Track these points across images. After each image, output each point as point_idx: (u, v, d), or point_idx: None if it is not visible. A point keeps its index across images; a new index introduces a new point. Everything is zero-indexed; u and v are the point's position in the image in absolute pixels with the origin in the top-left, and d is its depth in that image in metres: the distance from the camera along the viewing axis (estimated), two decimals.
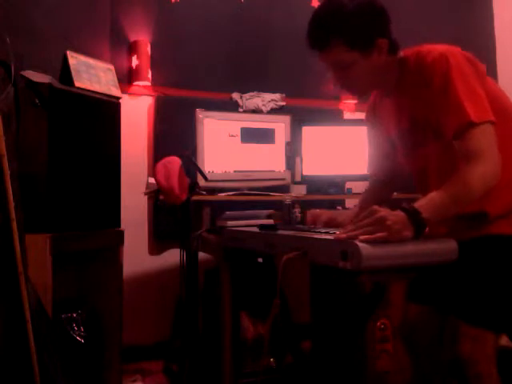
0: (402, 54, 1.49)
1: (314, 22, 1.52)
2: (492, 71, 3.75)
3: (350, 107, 3.61)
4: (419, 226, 1.21)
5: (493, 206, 1.36)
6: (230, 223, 2.21)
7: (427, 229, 1.25)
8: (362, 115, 3.62)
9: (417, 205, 1.23)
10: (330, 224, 1.61)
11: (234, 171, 2.76)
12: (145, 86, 3.06)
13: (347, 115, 3.60)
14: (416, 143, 1.50)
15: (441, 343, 1.38)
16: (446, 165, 1.40)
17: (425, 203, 1.25)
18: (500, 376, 1.34)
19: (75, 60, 2.13)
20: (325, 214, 1.65)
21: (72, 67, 2.09)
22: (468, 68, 1.35)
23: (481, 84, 1.36)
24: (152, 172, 2.79)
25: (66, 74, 2.09)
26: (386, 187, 1.79)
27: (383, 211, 1.20)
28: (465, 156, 1.29)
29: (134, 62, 3.00)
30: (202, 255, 2.45)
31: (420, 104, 1.43)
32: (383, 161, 1.74)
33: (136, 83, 3.03)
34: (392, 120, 1.58)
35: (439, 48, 1.38)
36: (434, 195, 1.27)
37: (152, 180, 2.56)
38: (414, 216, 1.21)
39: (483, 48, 3.74)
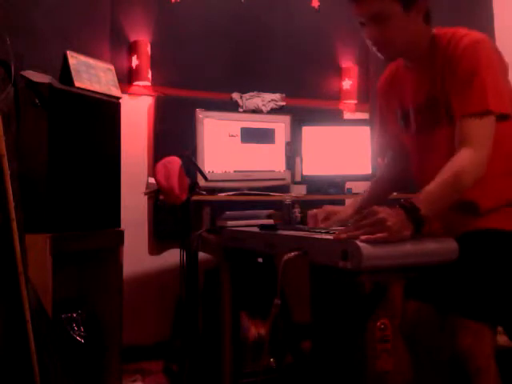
0: (434, 30, 1.50)
1: None
2: None
3: (350, 107, 3.62)
4: (419, 224, 1.22)
5: (484, 198, 1.38)
6: (229, 223, 2.21)
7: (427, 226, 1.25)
8: (362, 115, 3.66)
9: (415, 201, 1.23)
10: (330, 219, 1.61)
11: (234, 171, 2.76)
12: (145, 86, 3.06)
13: (347, 115, 3.60)
14: (432, 121, 1.49)
15: (441, 341, 1.38)
16: (449, 151, 1.39)
17: (423, 198, 1.25)
18: (500, 375, 1.34)
19: (75, 60, 2.13)
20: (321, 212, 1.64)
21: (72, 67, 2.09)
22: (497, 61, 1.39)
23: (505, 79, 1.39)
24: (152, 172, 2.79)
25: (65, 73, 2.09)
26: (389, 183, 1.78)
27: (383, 212, 1.20)
28: (463, 139, 1.33)
29: (134, 62, 3.00)
30: (201, 255, 2.45)
31: (442, 84, 1.44)
32: (391, 140, 1.72)
33: (136, 83, 3.03)
34: (409, 93, 1.57)
35: (474, 35, 1.40)
36: (430, 188, 1.27)
37: (152, 180, 2.56)
38: (413, 213, 1.21)
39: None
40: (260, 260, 2.32)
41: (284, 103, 3.35)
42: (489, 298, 1.32)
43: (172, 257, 2.94)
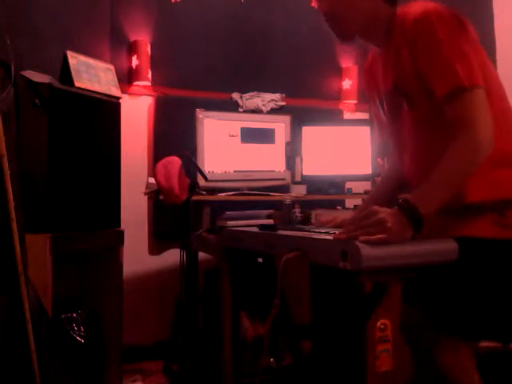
0: (398, 10, 1.40)
1: None
2: None
3: (349, 107, 3.62)
4: (418, 224, 1.20)
5: (471, 194, 1.29)
6: (229, 223, 2.21)
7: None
8: (362, 115, 3.66)
9: (413, 200, 1.21)
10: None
11: (234, 171, 2.76)
12: (145, 86, 3.06)
13: (347, 115, 3.61)
14: (395, 108, 1.42)
15: (436, 341, 1.37)
16: (419, 137, 1.35)
17: (420, 197, 1.22)
18: (500, 378, 1.34)
19: (75, 60, 2.13)
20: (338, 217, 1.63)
21: (72, 67, 2.09)
22: (457, 29, 1.28)
23: (471, 48, 1.28)
24: (152, 172, 2.79)
25: (66, 73, 2.09)
26: (394, 181, 1.73)
27: (383, 212, 1.20)
28: (455, 124, 1.24)
29: (134, 62, 3.00)
30: (202, 255, 2.45)
31: (401, 65, 1.34)
32: (383, 132, 1.64)
33: (136, 83, 3.03)
34: (380, 81, 1.50)
35: (425, 6, 1.28)
36: (427, 185, 1.24)
37: (152, 180, 2.56)
38: (412, 214, 1.19)
39: (483, 48, 3.74)
40: (260, 260, 2.32)
41: (284, 103, 3.36)
42: (471, 314, 1.27)
43: (172, 257, 2.94)
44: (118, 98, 2.29)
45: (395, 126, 1.47)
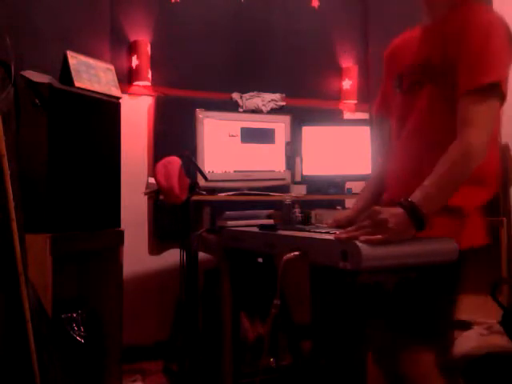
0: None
1: None
2: None
3: (349, 107, 3.62)
4: (421, 224, 1.21)
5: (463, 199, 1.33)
6: (229, 223, 2.21)
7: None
8: (362, 115, 3.66)
9: (415, 199, 1.21)
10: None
11: (234, 171, 2.76)
12: (145, 86, 3.06)
13: (347, 115, 3.61)
14: (419, 83, 1.45)
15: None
16: (425, 119, 1.37)
17: (422, 197, 1.23)
18: (499, 377, 1.34)
19: (75, 60, 2.13)
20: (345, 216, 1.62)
21: (72, 67, 2.09)
22: (509, 44, 1.33)
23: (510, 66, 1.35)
24: (152, 172, 2.79)
25: (66, 73, 2.09)
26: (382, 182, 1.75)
27: (384, 212, 1.20)
28: (463, 121, 1.28)
29: (134, 62, 3.00)
30: (202, 255, 2.45)
31: (444, 51, 1.38)
32: (387, 112, 1.66)
33: (136, 83, 3.03)
34: (409, 53, 1.52)
35: (490, 15, 1.36)
36: (429, 184, 1.25)
37: (152, 180, 2.55)
38: (414, 214, 1.20)
39: None
40: (260, 260, 2.32)
41: (284, 103, 3.35)
42: (417, 312, 1.32)
43: (172, 257, 2.94)
44: (118, 98, 2.29)
45: (407, 100, 1.48)
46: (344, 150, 2.95)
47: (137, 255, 2.92)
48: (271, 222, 2.24)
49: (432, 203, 1.23)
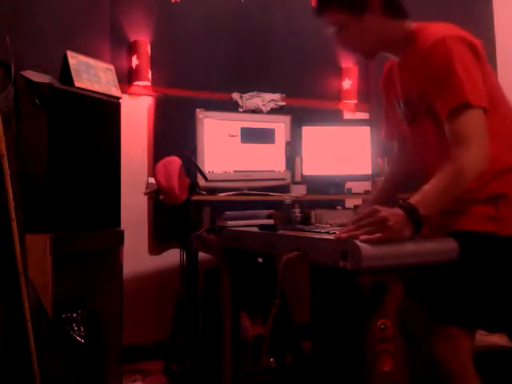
0: (413, 25, 1.49)
1: None
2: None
3: (349, 107, 3.62)
4: (418, 224, 1.22)
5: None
6: (229, 223, 2.21)
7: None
8: (362, 115, 3.66)
9: (413, 201, 1.23)
10: None
11: (234, 171, 2.76)
12: (145, 86, 3.06)
13: (347, 115, 3.60)
14: (415, 114, 1.50)
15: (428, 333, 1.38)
16: (443, 142, 1.39)
17: (421, 199, 1.25)
18: (499, 376, 1.35)
19: (75, 60, 2.13)
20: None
21: (72, 67, 2.09)
22: (469, 55, 1.35)
23: (480, 71, 1.36)
24: (152, 172, 2.79)
25: (66, 73, 2.09)
26: (395, 181, 1.78)
27: (384, 211, 1.20)
28: (455, 139, 1.31)
29: (134, 62, 3.00)
30: (202, 255, 2.45)
31: (419, 82, 1.44)
32: (393, 132, 1.73)
33: (136, 83, 3.03)
34: (398, 87, 1.58)
35: (441, 31, 1.38)
36: (428, 189, 1.27)
37: (152, 180, 2.56)
38: (412, 214, 1.21)
39: (483, 48, 3.74)
40: (260, 260, 2.32)
41: (284, 103, 3.35)
42: (465, 302, 1.32)
43: (172, 257, 2.94)
44: (118, 98, 2.29)
45: (414, 129, 1.55)
46: (344, 150, 2.95)
47: (137, 255, 2.92)
48: (271, 222, 2.24)
49: (431, 207, 1.25)
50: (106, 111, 2.22)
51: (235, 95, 3.25)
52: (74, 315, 2.16)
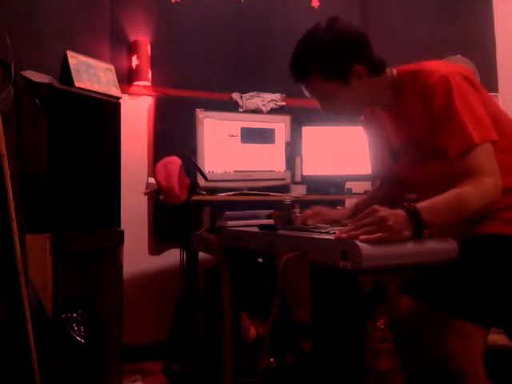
0: (394, 71, 1.51)
1: (294, 54, 1.60)
2: (492, 71, 3.75)
3: None
4: (419, 227, 1.21)
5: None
6: (229, 223, 2.21)
7: (426, 231, 1.25)
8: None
9: (418, 205, 1.23)
10: (317, 218, 1.70)
11: (234, 171, 2.76)
12: (145, 86, 3.06)
13: None
14: (420, 157, 1.52)
15: (429, 341, 1.38)
16: (452, 180, 1.40)
17: (427, 206, 1.25)
18: (499, 376, 1.34)
19: (75, 60, 2.13)
20: (309, 211, 1.71)
21: (72, 67, 2.09)
22: (469, 89, 1.37)
23: (482, 103, 1.38)
24: (152, 172, 2.79)
25: (66, 73, 2.09)
26: (395, 185, 1.80)
27: (384, 211, 1.20)
28: (466, 173, 1.32)
29: (134, 62, 3.00)
30: (201, 255, 2.45)
31: (419, 124, 1.45)
32: (382, 165, 1.78)
33: (136, 83, 3.03)
34: (393, 132, 1.60)
35: (440, 70, 1.39)
36: (436, 200, 1.28)
37: (152, 180, 2.56)
38: (414, 216, 1.21)
39: (483, 48, 3.74)
40: (260, 260, 2.32)
41: (284, 103, 3.35)
42: (485, 299, 1.33)
43: (172, 257, 2.94)
44: (118, 98, 2.29)
45: (422, 171, 1.55)
46: (344, 150, 2.95)
47: (137, 255, 2.92)
48: (271, 222, 2.24)
49: (434, 216, 1.24)
50: (106, 111, 2.22)
51: (235, 95, 3.25)
52: (74, 315, 2.16)
